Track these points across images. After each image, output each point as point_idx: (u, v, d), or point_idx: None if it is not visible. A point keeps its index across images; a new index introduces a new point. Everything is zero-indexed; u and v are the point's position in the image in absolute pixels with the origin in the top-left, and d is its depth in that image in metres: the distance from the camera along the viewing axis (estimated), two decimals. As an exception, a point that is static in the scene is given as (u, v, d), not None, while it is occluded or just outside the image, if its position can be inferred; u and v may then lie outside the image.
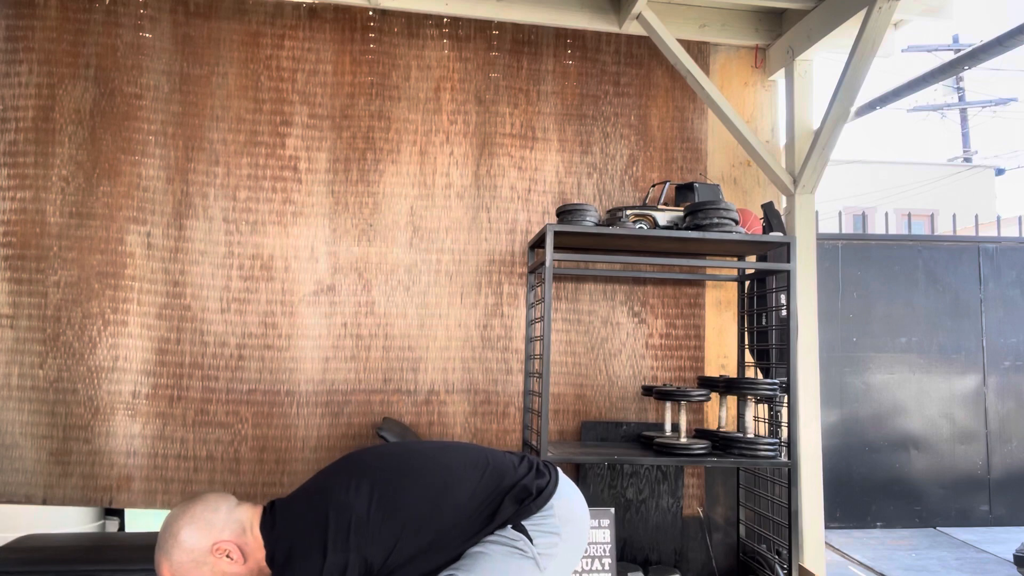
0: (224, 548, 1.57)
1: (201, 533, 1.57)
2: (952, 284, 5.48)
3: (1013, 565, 4.06)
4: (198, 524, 1.58)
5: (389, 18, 3.30)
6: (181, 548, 1.55)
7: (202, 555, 1.55)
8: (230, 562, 1.57)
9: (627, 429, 3.28)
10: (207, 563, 1.55)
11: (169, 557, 1.55)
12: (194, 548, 1.55)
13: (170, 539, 1.56)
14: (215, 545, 1.56)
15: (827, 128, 2.97)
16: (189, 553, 1.55)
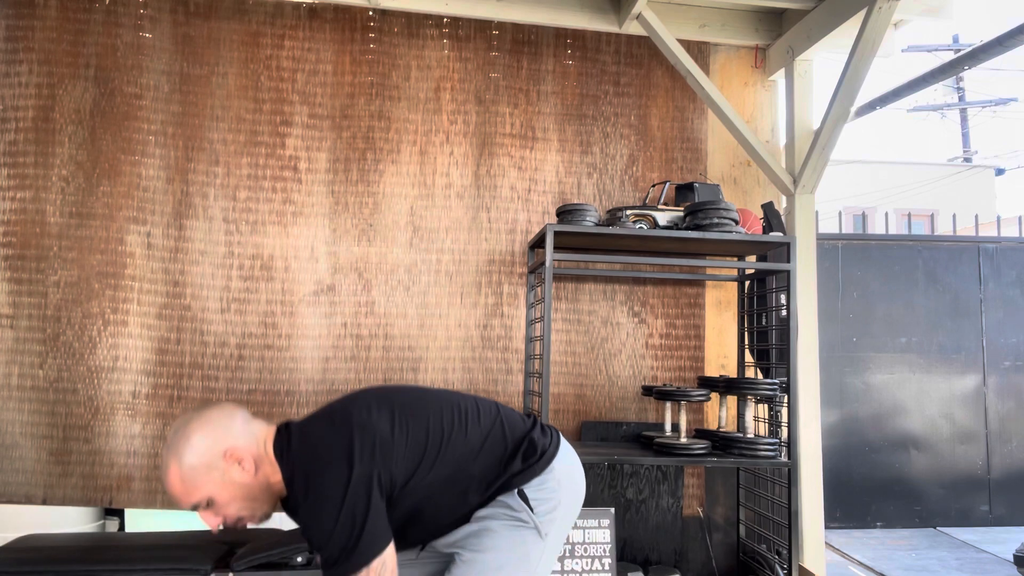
0: (237, 455, 1.51)
1: (215, 437, 1.51)
2: (952, 284, 5.47)
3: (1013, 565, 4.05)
4: (213, 428, 1.52)
5: (389, 18, 3.30)
6: (193, 450, 1.49)
7: (214, 459, 1.49)
8: (240, 471, 1.51)
9: (627, 429, 3.28)
10: (218, 468, 1.49)
11: (179, 459, 1.48)
12: (207, 452, 1.49)
13: (182, 440, 1.50)
14: (228, 451, 1.51)
15: (827, 128, 2.97)
16: (201, 456, 1.49)
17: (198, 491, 1.49)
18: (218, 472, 1.49)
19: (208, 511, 1.52)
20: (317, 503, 1.44)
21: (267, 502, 1.56)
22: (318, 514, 1.43)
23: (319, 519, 1.43)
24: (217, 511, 1.52)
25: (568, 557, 2.78)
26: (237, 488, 1.51)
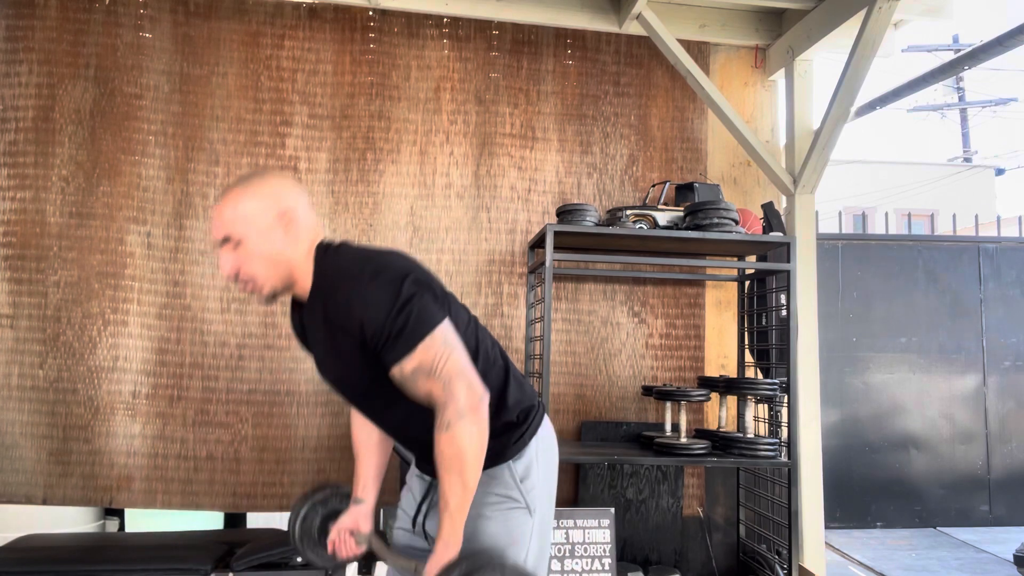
0: (290, 220, 1.47)
1: (285, 193, 1.49)
2: (952, 284, 5.47)
3: (1013, 565, 4.05)
4: (289, 187, 1.52)
5: (389, 18, 3.30)
6: (263, 190, 1.47)
7: (270, 209, 1.46)
8: (283, 236, 1.47)
9: (627, 429, 3.28)
10: (267, 219, 1.45)
11: (246, 189, 1.47)
12: (271, 198, 1.47)
13: (258, 178, 1.49)
14: (286, 211, 1.47)
15: (827, 128, 2.97)
16: (264, 199, 1.47)
17: (239, 226, 1.45)
18: (265, 223, 1.46)
19: (232, 252, 1.47)
20: (370, 286, 1.39)
21: (281, 281, 1.50)
22: (373, 296, 1.38)
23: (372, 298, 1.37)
24: (239, 257, 1.47)
25: (568, 557, 2.78)
26: (269, 248, 1.46)
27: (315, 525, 1.79)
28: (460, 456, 1.34)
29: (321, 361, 1.57)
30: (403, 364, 1.36)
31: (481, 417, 1.36)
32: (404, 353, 1.36)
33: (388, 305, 1.37)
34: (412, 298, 1.38)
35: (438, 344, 1.37)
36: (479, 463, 1.37)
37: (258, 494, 3.09)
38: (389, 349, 1.37)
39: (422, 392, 1.38)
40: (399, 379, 1.39)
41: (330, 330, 1.46)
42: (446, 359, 1.36)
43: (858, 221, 9.61)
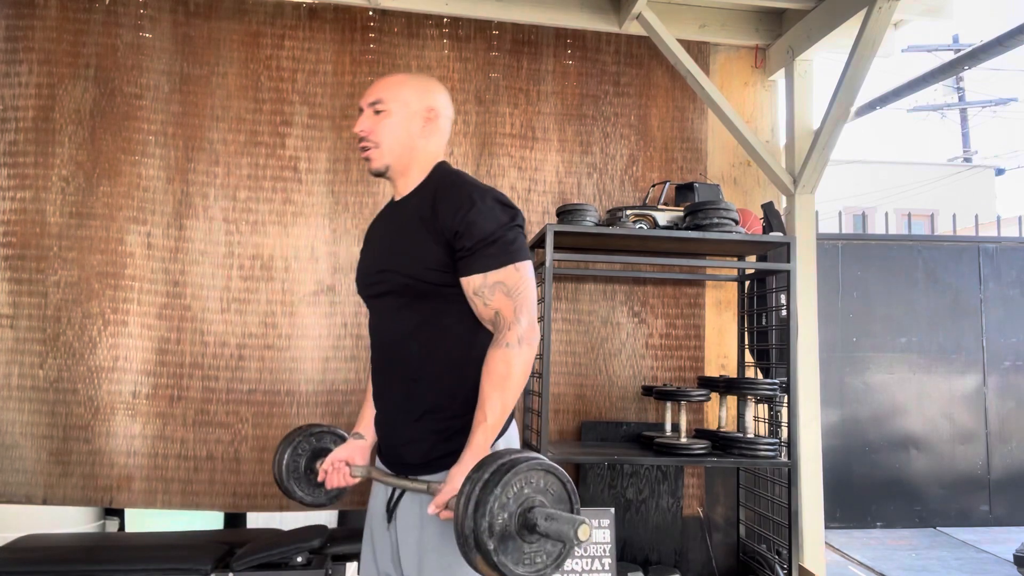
0: (433, 119, 1.61)
1: (446, 101, 1.65)
2: (952, 284, 5.47)
3: (1013, 565, 4.06)
4: (444, 93, 1.66)
5: (389, 18, 3.30)
6: (424, 84, 1.63)
7: (423, 102, 1.60)
8: (420, 127, 1.60)
9: (627, 429, 3.28)
10: (416, 108, 1.59)
11: (414, 77, 1.64)
12: (427, 93, 1.61)
13: (424, 75, 1.68)
14: (434, 109, 1.61)
15: (827, 128, 2.97)
16: (423, 91, 1.61)
17: (393, 99, 1.58)
18: (415, 108, 1.59)
19: (373, 116, 1.59)
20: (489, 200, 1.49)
21: (396, 160, 1.60)
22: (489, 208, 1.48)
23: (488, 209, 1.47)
24: (376, 123, 1.58)
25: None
26: (405, 129, 1.59)
27: (302, 463, 1.78)
28: (509, 375, 1.41)
29: (372, 261, 1.66)
30: (490, 274, 1.45)
31: (534, 350, 1.45)
32: (496, 265, 1.45)
33: (500, 221, 1.47)
34: (519, 229, 1.51)
35: (524, 273, 1.48)
36: (521, 388, 1.44)
37: (258, 494, 3.09)
38: (483, 256, 1.45)
39: (492, 306, 1.45)
40: (474, 288, 1.46)
41: (410, 227, 1.54)
42: (526, 288, 1.46)
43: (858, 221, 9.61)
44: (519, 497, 1.20)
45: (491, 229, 1.46)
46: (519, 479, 1.20)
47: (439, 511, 1.37)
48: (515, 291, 1.45)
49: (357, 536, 2.74)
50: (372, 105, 1.59)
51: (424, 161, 1.62)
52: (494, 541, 1.17)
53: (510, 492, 1.19)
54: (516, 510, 1.20)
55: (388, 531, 1.58)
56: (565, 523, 1.17)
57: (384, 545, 1.60)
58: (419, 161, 1.61)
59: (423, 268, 1.50)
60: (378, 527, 1.63)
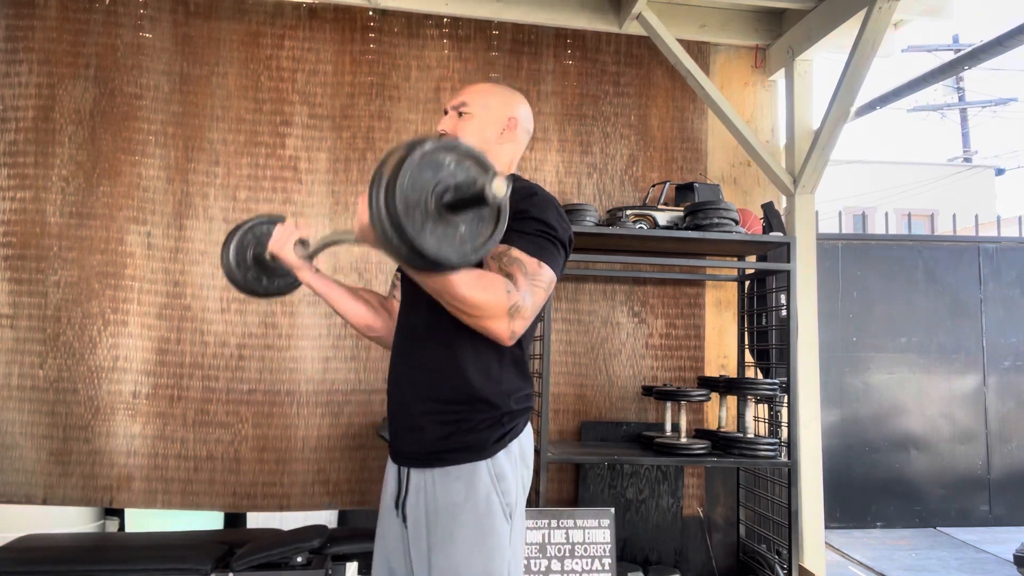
0: (514, 128, 1.63)
1: (529, 115, 1.67)
2: (952, 284, 5.47)
3: (1013, 565, 4.05)
4: (531, 115, 1.69)
5: (389, 18, 3.30)
6: (516, 96, 1.66)
7: (505, 111, 1.63)
8: (498, 134, 1.62)
9: (627, 429, 3.28)
10: (498, 116, 1.62)
11: (503, 88, 1.67)
12: (511, 103, 1.64)
13: (512, 89, 1.69)
14: (515, 120, 1.63)
15: (827, 128, 2.97)
16: (508, 100, 1.64)
17: (479, 104, 1.62)
18: (497, 116, 1.62)
19: (456, 119, 1.62)
20: (550, 204, 1.51)
21: None
22: (547, 210, 1.49)
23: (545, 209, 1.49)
24: (459, 125, 1.61)
25: (568, 557, 2.78)
26: (485, 134, 1.61)
27: (249, 255, 1.82)
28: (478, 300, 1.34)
29: None
30: (514, 250, 1.43)
31: (509, 329, 1.39)
32: (524, 248, 1.44)
33: (551, 225, 1.48)
34: (561, 240, 1.50)
35: (545, 275, 1.45)
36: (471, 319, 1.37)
37: (258, 494, 3.09)
38: (518, 235, 1.44)
39: (504, 271, 1.43)
40: (495, 253, 1.44)
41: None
42: (540, 286, 1.43)
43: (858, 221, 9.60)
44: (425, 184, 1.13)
45: (537, 226, 1.46)
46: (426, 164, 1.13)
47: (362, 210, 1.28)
48: (532, 278, 1.42)
49: (357, 536, 2.75)
50: (456, 108, 1.62)
51: (498, 167, 1.61)
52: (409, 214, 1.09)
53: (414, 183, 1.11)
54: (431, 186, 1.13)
55: (398, 527, 1.58)
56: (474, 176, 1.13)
57: (395, 542, 1.60)
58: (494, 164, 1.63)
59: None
60: (388, 524, 1.63)
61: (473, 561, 1.43)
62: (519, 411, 1.54)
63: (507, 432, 1.51)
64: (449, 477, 1.48)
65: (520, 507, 1.55)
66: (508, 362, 1.52)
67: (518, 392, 1.54)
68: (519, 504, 1.54)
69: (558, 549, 2.78)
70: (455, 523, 1.45)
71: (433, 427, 1.50)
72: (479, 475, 1.47)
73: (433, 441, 1.50)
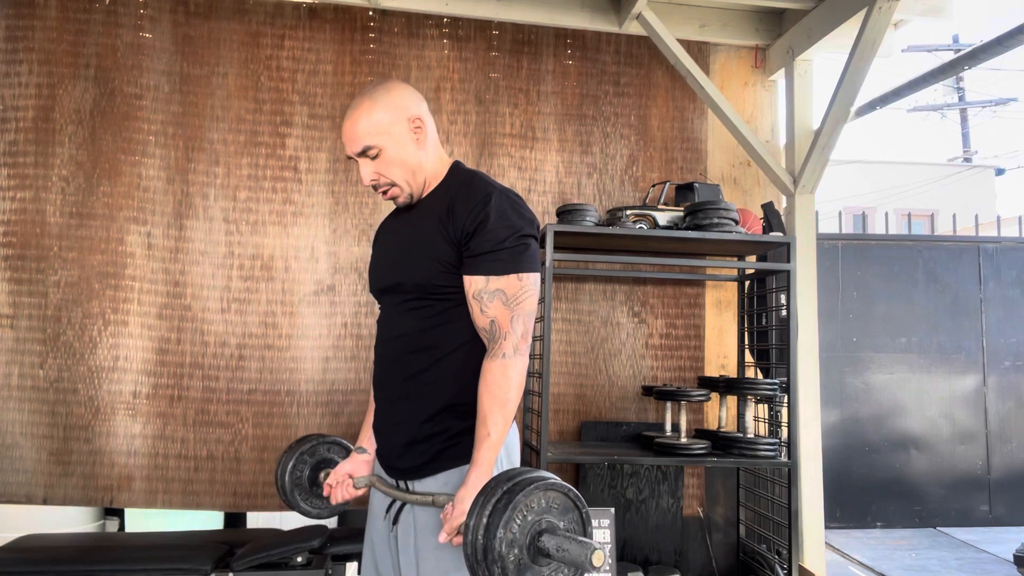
0: (420, 124, 1.56)
1: (411, 101, 1.57)
2: (952, 284, 5.47)
3: (1013, 565, 4.06)
4: (412, 94, 1.59)
5: (389, 18, 3.30)
6: (390, 100, 1.54)
7: (401, 116, 1.54)
8: (415, 140, 1.55)
9: (627, 429, 3.28)
10: (400, 126, 1.54)
11: (375, 101, 1.53)
12: (398, 107, 1.54)
13: (383, 89, 1.56)
14: (415, 118, 1.56)
15: (827, 128, 2.97)
16: (393, 108, 1.54)
17: (376, 137, 1.52)
18: (399, 130, 1.54)
19: (371, 163, 1.55)
20: (507, 204, 1.48)
21: (418, 186, 1.58)
22: (506, 214, 1.46)
23: (504, 214, 1.46)
24: (378, 166, 1.55)
25: None
26: (405, 155, 1.55)
27: (305, 475, 1.78)
28: (508, 387, 1.40)
29: (386, 258, 1.64)
30: (491, 279, 1.44)
31: (526, 359, 1.44)
32: (500, 272, 1.44)
33: (514, 227, 1.45)
34: (531, 238, 1.49)
35: (528, 284, 1.46)
36: (519, 398, 1.43)
37: (258, 493, 3.09)
38: (489, 260, 1.44)
39: (488, 314, 1.43)
40: (474, 292, 1.45)
41: (427, 227, 1.52)
42: (525, 298, 1.45)
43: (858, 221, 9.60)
44: (526, 525, 1.18)
45: (502, 236, 1.45)
46: (524, 503, 1.18)
47: (451, 538, 1.36)
48: (513, 300, 1.44)
49: (357, 536, 2.75)
50: (361, 154, 1.55)
51: (433, 167, 1.60)
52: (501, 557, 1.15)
53: (515, 524, 1.17)
54: (526, 541, 1.18)
55: (389, 535, 1.58)
56: (578, 550, 1.15)
57: (383, 548, 1.60)
58: (429, 170, 1.59)
59: (436, 270, 1.49)
60: (377, 530, 1.63)
61: (462, 563, 1.44)
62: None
63: None
64: (437, 483, 1.50)
65: None
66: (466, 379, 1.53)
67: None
68: None
69: (558, 549, 2.78)
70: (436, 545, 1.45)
71: (427, 440, 1.52)
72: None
73: (426, 453, 1.52)
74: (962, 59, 2.86)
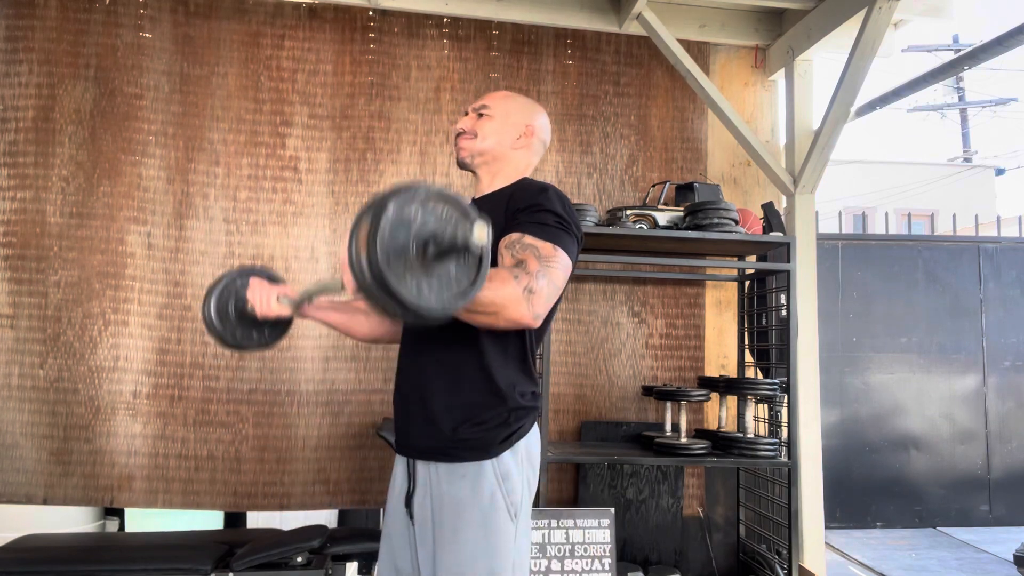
0: (531, 136, 1.68)
1: (547, 127, 1.73)
2: (952, 284, 5.47)
3: (1013, 565, 4.06)
4: (549, 127, 1.76)
5: (389, 18, 3.30)
6: (538, 108, 1.73)
7: (531, 119, 1.69)
8: (514, 141, 1.67)
9: (627, 429, 3.28)
10: (516, 122, 1.67)
11: (526, 98, 1.73)
12: (529, 114, 1.69)
13: (532, 101, 1.75)
14: (532, 128, 1.68)
15: (827, 128, 2.97)
16: (531, 112, 1.69)
17: (501, 108, 1.68)
18: (516, 120, 1.68)
19: (476, 119, 1.68)
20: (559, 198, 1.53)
21: (483, 159, 1.67)
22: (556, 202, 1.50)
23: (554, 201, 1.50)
24: (479, 124, 1.67)
25: (568, 557, 2.78)
26: (502, 136, 1.66)
27: (232, 305, 1.70)
28: (502, 302, 1.34)
29: None
30: (527, 237, 1.44)
31: (530, 312, 1.37)
32: (538, 235, 1.44)
33: (560, 215, 1.49)
34: (574, 231, 1.51)
35: (561, 257, 1.45)
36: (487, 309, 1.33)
37: (259, 493, 3.10)
38: (530, 224, 1.46)
39: (516, 257, 1.43)
40: (507, 242, 1.46)
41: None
42: (556, 266, 1.43)
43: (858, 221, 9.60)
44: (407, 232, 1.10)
45: (547, 216, 1.47)
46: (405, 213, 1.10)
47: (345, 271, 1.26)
48: (546, 260, 1.41)
49: (357, 536, 2.75)
50: (477, 109, 1.68)
51: (511, 170, 1.67)
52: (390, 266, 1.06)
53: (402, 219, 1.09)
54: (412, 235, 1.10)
55: (407, 530, 1.58)
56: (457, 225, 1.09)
57: (402, 541, 1.60)
58: (505, 168, 1.67)
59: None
60: (395, 523, 1.63)
61: (478, 559, 1.44)
62: (525, 409, 1.54)
63: (513, 432, 1.52)
64: (455, 474, 1.49)
65: (525, 508, 1.55)
66: (514, 360, 1.53)
67: (524, 389, 1.54)
68: (524, 505, 1.54)
69: (558, 549, 2.78)
70: (460, 520, 1.46)
71: (447, 421, 1.51)
72: (484, 474, 1.48)
73: (446, 433, 1.50)
74: (962, 59, 2.86)
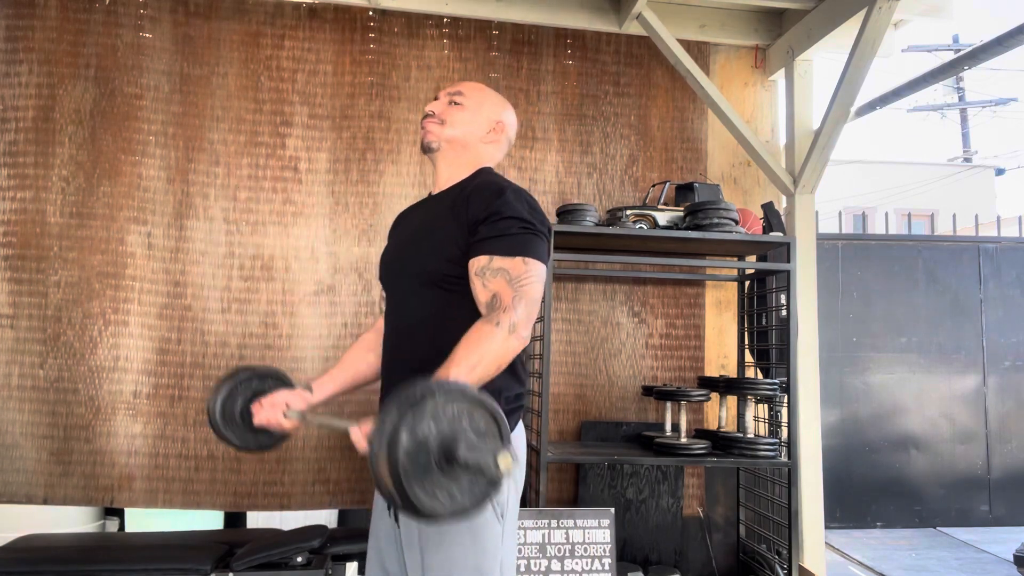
0: (499, 131, 1.68)
1: (514, 125, 1.74)
2: (952, 284, 5.47)
3: (1013, 565, 4.06)
4: (515, 127, 1.76)
5: (389, 18, 3.30)
6: (505, 105, 1.73)
7: (500, 114, 1.69)
8: (486, 131, 1.67)
9: (627, 429, 3.28)
10: (493, 114, 1.68)
11: (498, 95, 1.73)
12: (506, 112, 1.71)
13: (504, 100, 1.75)
14: (502, 124, 1.69)
15: (827, 128, 2.97)
16: (502, 108, 1.70)
17: (475, 99, 1.68)
18: (488, 114, 1.68)
19: (447, 105, 1.67)
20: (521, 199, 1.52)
21: (450, 146, 1.66)
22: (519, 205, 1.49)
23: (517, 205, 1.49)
24: (450, 111, 1.66)
25: (568, 557, 2.78)
26: (472, 125, 1.66)
27: (238, 406, 1.72)
28: (490, 351, 1.35)
29: (397, 247, 1.70)
30: (495, 258, 1.43)
31: (520, 344, 1.39)
32: (504, 252, 1.44)
33: (523, 218, 1.47)
34: (541, 235, 1.50)
35: (533, 269, 1.45)
36: (490, 372, 1.37)
37: (259, 493, 3.09)
38: (494, 242, 1.44)
39: (490, 288, 1.42)
40: (476, 269, 1.45)
41: (441, 217, 1.55)
42: (530, 283, 1.42)
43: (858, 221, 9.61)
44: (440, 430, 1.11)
45: (510, 224, 1.46)
46: (442, 411, 1.11)
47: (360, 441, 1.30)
48: (517, 281, 1.41)
49: (357, 536, 2.75)
50: (451, 95, 1.67)
51: (474, 162, 1.66)
52: (409, 467, 1.07)
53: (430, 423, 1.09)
54: (436, 443, 1.11)
55: (391, 528, 1.58)
56: (483, 452, 1.09)
57: (389, 542, 1.60)
58: (469, 160, 1.66)
59: (445, 258, 1.50)
60: (381, 524, 1.63)
61: (467, 559, 1.44)
62: (510, 411, 1.52)
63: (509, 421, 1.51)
64: None
65: (512, 507, 1.54)
66: None
67: (508, 392, 1.53)
68: (511, 504, 1.54)
69: (558, 549, 2.78)
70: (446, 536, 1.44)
71: None
72: None
73: None
74: (962, 59, 2.86)
